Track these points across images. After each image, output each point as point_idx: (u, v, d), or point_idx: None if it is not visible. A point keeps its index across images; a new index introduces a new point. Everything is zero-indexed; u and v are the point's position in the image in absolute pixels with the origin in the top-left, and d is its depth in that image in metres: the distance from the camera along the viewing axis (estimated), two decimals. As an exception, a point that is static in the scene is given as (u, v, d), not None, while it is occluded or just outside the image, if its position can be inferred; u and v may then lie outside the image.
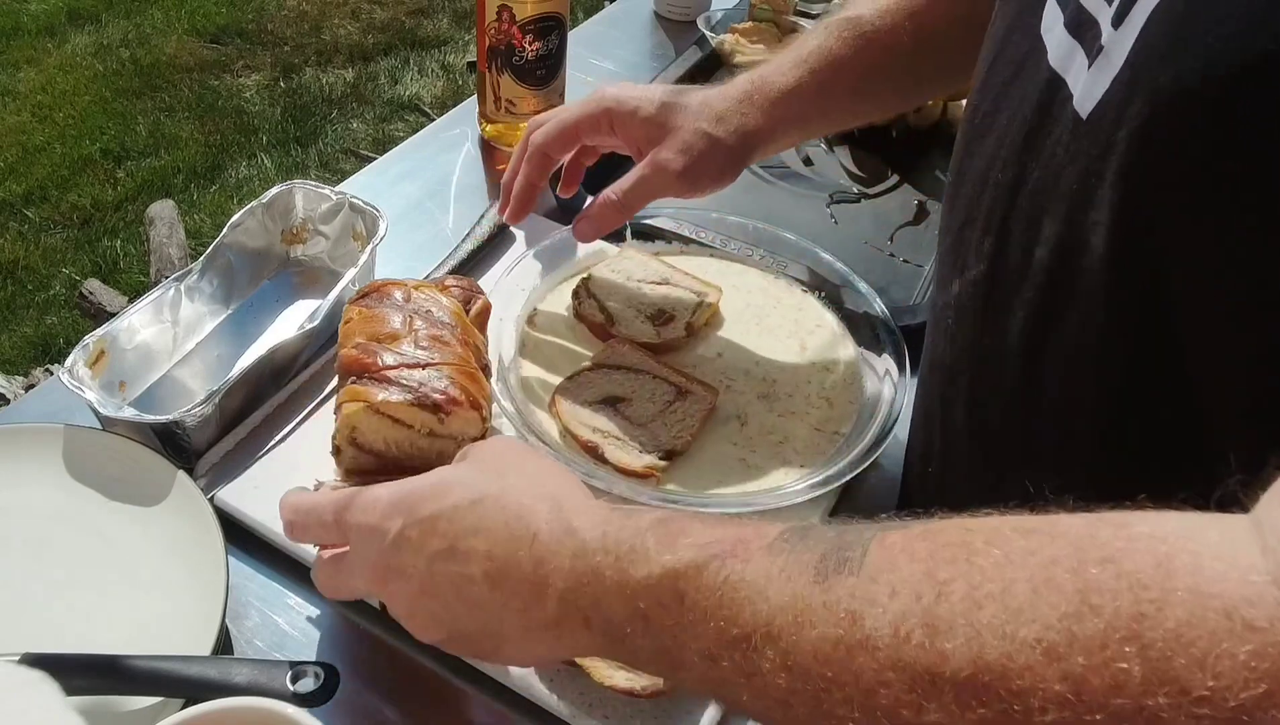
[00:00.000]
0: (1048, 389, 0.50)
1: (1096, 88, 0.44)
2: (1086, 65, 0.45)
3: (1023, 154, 0.50)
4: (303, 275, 0.89)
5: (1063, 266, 0.47)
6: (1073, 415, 0.50)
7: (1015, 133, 0.51)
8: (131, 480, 0.68)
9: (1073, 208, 0.46)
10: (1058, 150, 0.47)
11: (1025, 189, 0.49)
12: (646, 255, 0.88)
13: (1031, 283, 0.49)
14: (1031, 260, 0.49)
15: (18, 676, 0.50)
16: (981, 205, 0.54)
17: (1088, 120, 0.44)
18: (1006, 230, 0.51)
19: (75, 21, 3.30)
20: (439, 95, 3.08)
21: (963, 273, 0.56)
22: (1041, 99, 0.49)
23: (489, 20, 0.98)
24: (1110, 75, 0.43)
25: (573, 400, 0.74)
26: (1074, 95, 0.46)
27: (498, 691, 0.61)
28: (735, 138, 0.74)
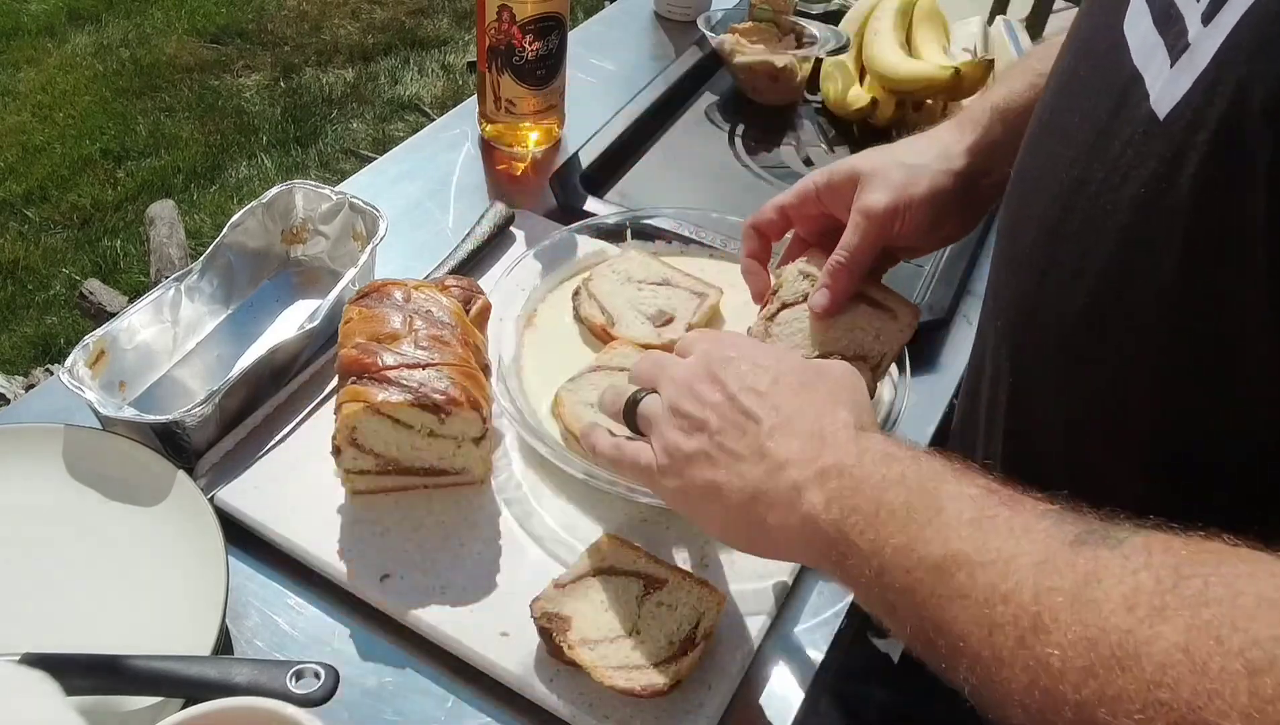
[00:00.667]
0: (1096, 400, 0.48)
1: (1177, 87, 0.42)
2: (1168, 63, 0.43)
3: (1090, 153, 0.48)
4: (303, 275, 0.89)
5: (1122, 271, 0.45)
6: (1122, 432, 0.48)
7: (1086, 132, 0.49)
8: (131, 480, 0.68)
9: (1139, 211, 0.44)
10: (1127, 151, 0.45)
11: (1088, 190, 0.47)
12: (646, 255, 0.88)
13: (1085, 286, 0.47)
14: (1086, 263, 0.47)
15: (18, 676, 0.50)
16: (1037, 206, 0.52)
17: (1164, 120, 0.42)
18: (1062, 232, 0.49)
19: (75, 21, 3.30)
20: (439, 95, 3.08)
21: (1014, 274, 0.54)
22: (1117, 98, 0.47)
23: (489, 20, 0.98)
24: (1193, 75, 0.41)
25: (575, 400, 0.74)
26: (1151, 94, 0.44)
27: (498, 691, 0.61)
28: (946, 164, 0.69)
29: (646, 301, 0.83)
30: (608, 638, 0.60)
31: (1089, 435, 0.50)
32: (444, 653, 0.63)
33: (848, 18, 1.23)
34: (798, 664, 0.65)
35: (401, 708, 0.61)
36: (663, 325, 0.81)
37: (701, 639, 0.60)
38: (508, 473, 0.73)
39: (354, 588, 0.65)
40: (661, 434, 0.56)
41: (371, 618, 0.65)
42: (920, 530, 0.43)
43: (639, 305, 0.83)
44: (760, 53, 1.16)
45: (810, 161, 1.11)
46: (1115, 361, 0.46)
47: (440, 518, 0.69)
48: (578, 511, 0.70)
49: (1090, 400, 0.49)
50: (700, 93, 1.21)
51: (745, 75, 1.17)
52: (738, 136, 1.14)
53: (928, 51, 1.15)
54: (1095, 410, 0.49)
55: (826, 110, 1.18)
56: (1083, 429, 0.50)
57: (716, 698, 0.60)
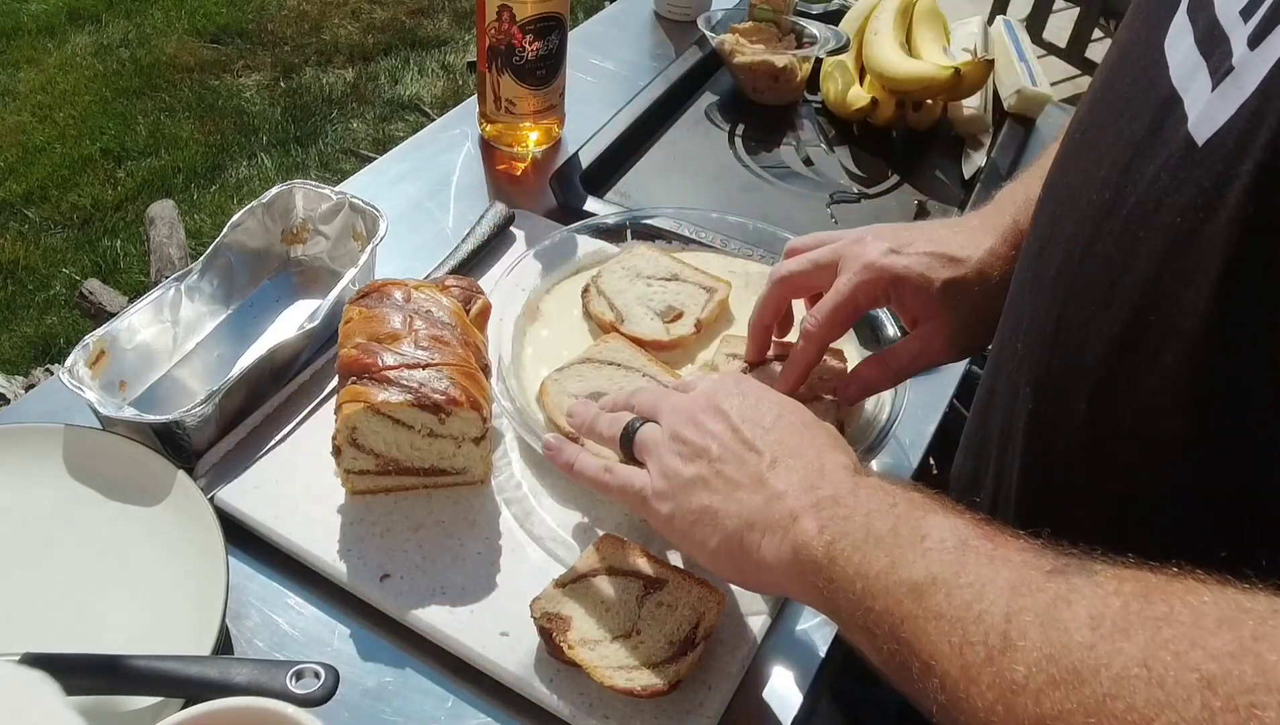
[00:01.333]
0: (1119, 431, 0.47)
1: (1219, 112, 0.40)
2: (1210, 86, 0.41)
3: (1123, 176, 0.46)
4: (303, 275, 0.89)
5: (1154, 302, 0.43)
6: (1144, 464, 0.47)
7: (1120, 152, 0.47)
8: (131, 480, 0.68)
9: (1174, 240, 0.42)
10: (1162, 175, 0.43)
11: (1119, 213, 0.46)
12: (656, 251, 0.88)
13: (1114, 316, 0.46)
14: (1116, 290, 0.46)
15: (18, 676, 0.50)
16: (1067, 225, 0.51)
17: (1204, 146, 0.41)
18: (1091, 255, 0.48)
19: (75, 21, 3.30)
20: (439, 95, 3.08)
21: (1038, 296, 0.53)
22: (1154, 118, 0.45)
23: (489, 20, 0.98)
24: (1238, 100, 0.39)
25: (559, 390, 0.74)
26: (1190, 117, 0.42)
27: (498, 691, 0.61)
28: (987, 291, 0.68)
29: (655, 297, 0.83)
30: (608, 638, 0.60)
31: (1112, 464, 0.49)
32: (444, 653, 0.63)
33: (848, 18, 1.23)
34: (798, 664, 0.65)
35: (401, 708, 0.61)
36: (671, 321, 0.81)
37: (701, 639, 0.60)
38: (508, 473, 0.73)
39: (354, 588, 0.65)
40: (660, 459, 0.58)
41: (371, 618, 0.65)
42: (903, 554, 0.45)
43: (648, 301, 0.83)
44: (760, 53, 1.16)
45: (810, 161, 1.11)
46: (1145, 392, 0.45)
47: (440, 518, 0.69)
48: (578, 511, 0.70)
49: (1116, 429, 0.47)
50: (700, 93, 1.21)
51: (745, 75, 1.17)
52: (738, 136, 1.14)
53: (928, 51, 1.15)
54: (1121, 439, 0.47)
55: (826, 110, 1.19)
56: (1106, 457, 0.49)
57: (716, 698, 0.60)
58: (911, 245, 0.69)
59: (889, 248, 0.69)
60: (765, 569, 0.52)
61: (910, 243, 0.69)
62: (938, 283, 0.68)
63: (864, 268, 0.69)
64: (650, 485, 0.58)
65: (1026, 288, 0.56)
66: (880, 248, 0.69)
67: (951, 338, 0.69)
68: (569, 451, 0.64)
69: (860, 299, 0.69)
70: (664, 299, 0.83)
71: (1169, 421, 0.44)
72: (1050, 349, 0.51)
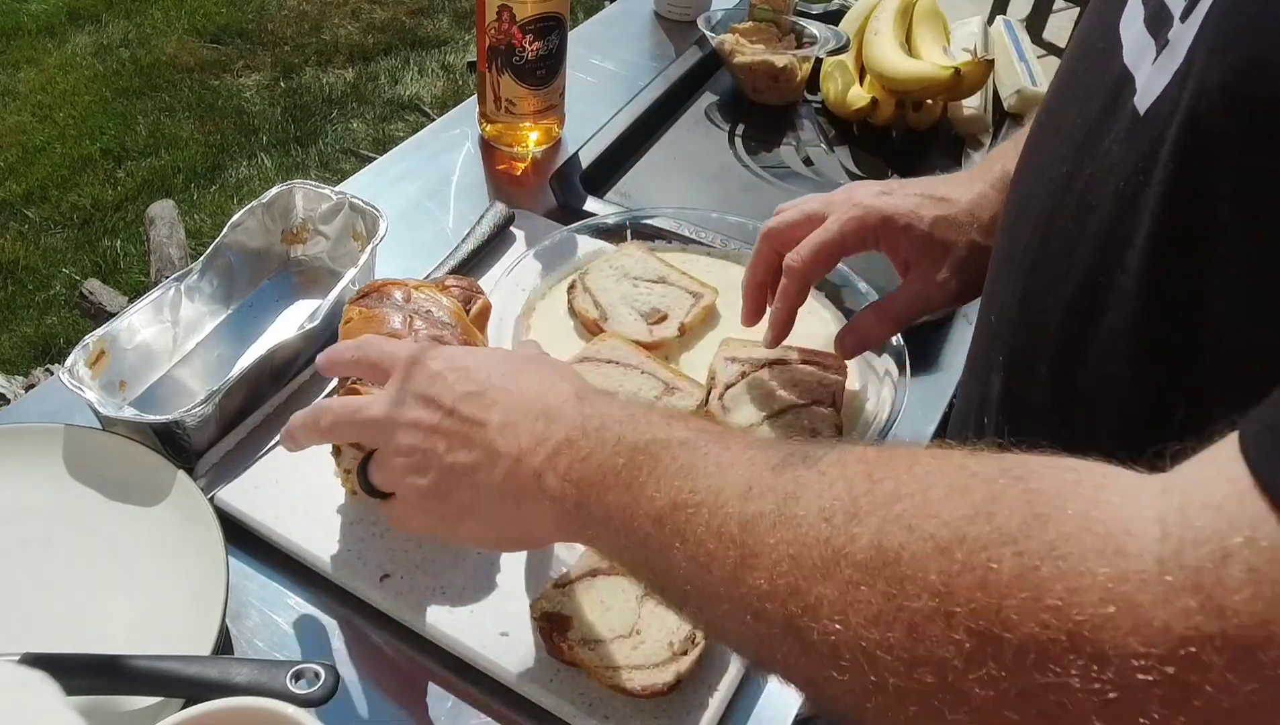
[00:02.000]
0: (1076, 396, 0.49)
1: (1157, 83, 0.42)
2: (1153, 60, 0.44)
3: (1080, 150, 0.49)
4: (303, 275, 0.89)
5: (1103, 268, 0.46)
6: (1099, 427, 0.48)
7: (1078, 129, 0.49)
8: (131, 480, 0.68)
9: (1120, 206, 0.44)
10: (1113, 147, 0.46)
11: (1076, 187, 0.48)
12: (645, 252, 0.88)
13: (1071, 281, 0.48)
14: (1072, 260, 0.48)
15: (18, 676, 0.50)
16: (1033, 202, 0.53)
17: (1145, 116, 0.43)
18: (1052, 228, 0.50)
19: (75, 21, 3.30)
20: (439, 95, 3.08)
21: (1008, 271, 0.55)
22: (1108, 96, 0.47)
23: (489, 20, 0.98)
24: (1171, 70, 0.41)
25: None
26: (1138, 91, 0.44)
27: (498, 691, 0.61)
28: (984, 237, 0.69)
29: (641, 298, 0.83)
30: (608, 638, 0.60)
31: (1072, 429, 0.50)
32: (444, 653, 0.63)
33: (848, 18, 1.23)
34: (798, 664, 0.64)
35: (401, 708, 0.61)
36: (655, 323, 0.81)
37: (702, 639, 0.60)
38: (508, 473, 0.73)
39: (354, 588, 0.65)
40: (400, 484, 0.54)
41: (371, 618, 0.65)
42: (641, 487, 0.45)
43: (633, 302, 0.83)
44: (760, 53, 1.16)
45: (810, 161, 1.11)
46: (1095, 357, 0.47)
47: (440, 518, 0.69)
48: (578, 511, 0.70)
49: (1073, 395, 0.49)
50: (700, 93, 1.21)
51: (745, 75, 1.17)
52: (738, 136, 1.14)
53: (927, 51, 1.15)
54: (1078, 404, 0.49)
55: (826, 110, 1.18)
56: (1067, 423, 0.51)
57: (717, 698, 0.60)
58: (902, 189, 0.71)
59: (879, 191, 0.70)
60: (546, 534, 0.51)
61: (901, 187, 0.71)
62: (927, 220, 0.68)
63: (853, 206, 0.69)
64: (409, 516, 0.54)
65: (999, 264, 0.58)
66: (871, 191, 0.70)
67: (945, 279, 0.69)
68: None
69: (848, 238, 0.69)
70: (649, 301, 0.83)
71: (1116, 384, 0.46)
72: (1017, 322, 0.53)
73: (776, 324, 0.74)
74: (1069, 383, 0.49)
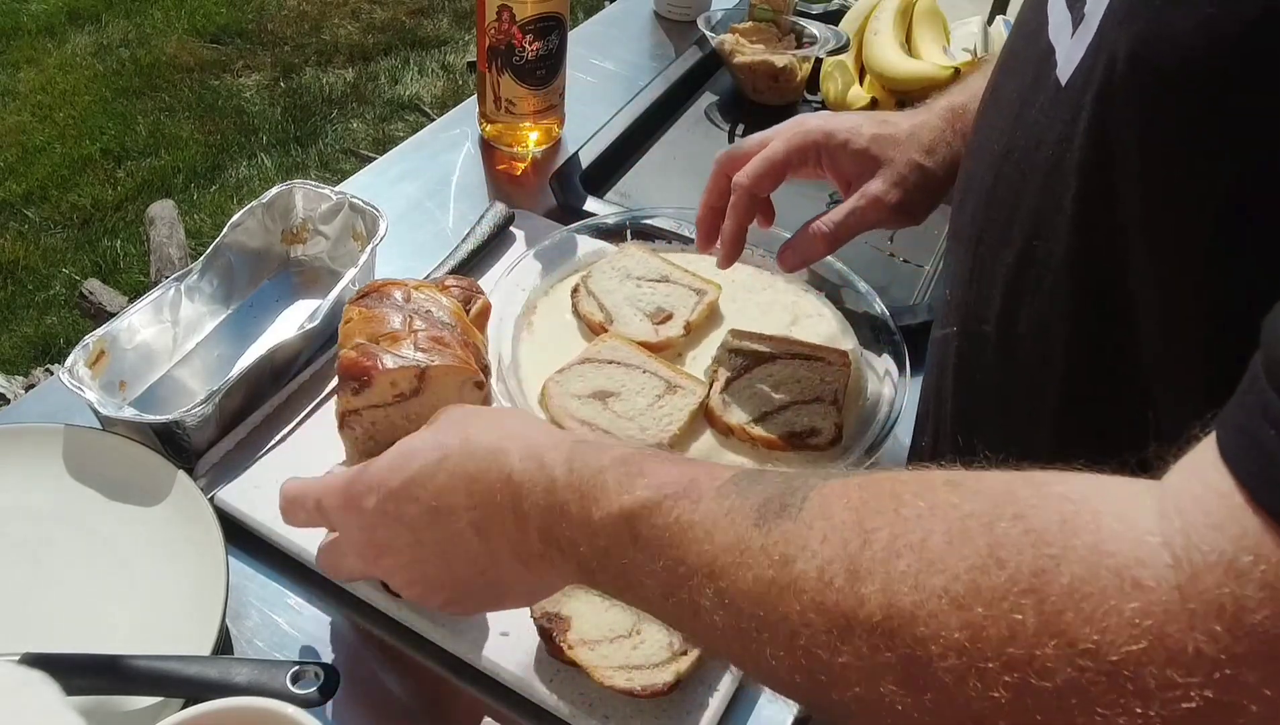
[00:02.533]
0: (1021, 359, 0.51)
1: (1075, 54, 0.45)
2: (1070, 34, 0.46)
3: (1014, 123, 0.51)
4: (303, 275, 0.89)
5: (1037, 234, 0.48)
6: (1043, 385, 0.50)
7: (1012, 104, 0.52)
8: (131, 480, 0.68)
9: (1048, 175, 0.46)
10: (1040, 118, 0.48)
11: (1013, 157, 0.50)
12: (646, 251, 0.88)
13: (1010, 251, 0.50)
14: (1011, 229, 0.50)
15: (18, 676, 0.50)
16: (976, 178, 0.55)
17: (1065, 87, 0.45)
18: (994, 199, 0.52)
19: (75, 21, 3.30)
20: (439, 95, 3.08)
21: (959, 244, 0.58)
22: (1036, 70, 0.49)
23: (489, 20, 0.98)
24: (1086, 41, 0.43)
25: (562, 392, 0.74)
26: (1059, 64, 0.47)
27: (498, 691, 0.61)
28: (945, 168, 0.72)
29: (645, 299, 0.83)
30: (608, 638, 0.60)
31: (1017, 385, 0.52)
32: (444, 653, 0.63)
33: (848, 18, 1.23)
34: (798, 664, 0.64)
35: (401, 708, 0.61)
36: (660, 322, 0.81)
37: (701, 639, 0.60)
38: (508, 473, 0.73)
39: (354, 588, 0.65)
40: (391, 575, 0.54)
41: (371, 618, 0.65)
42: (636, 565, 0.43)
43: (637, 302, 0.83)
44: (760, 53, 1.16)
45: (810, 161, 1.11)
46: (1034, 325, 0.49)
47: (440, 518, 0.69)
48: (578, 511, 0.70)
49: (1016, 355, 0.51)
50: (700, 93, 1.21)
51: (745, 75, 1.17)
52: (738, 136, 1.14)
53: (927, 51, 1.15)
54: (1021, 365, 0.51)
55: (827, 110, 1.18)
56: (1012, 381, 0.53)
57: (717, 698, 0.60)
58: (847, 116, 0.76)
59: (825, 116, 0.76)
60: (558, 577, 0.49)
61: (846, 115, 0.76)
62: (866, 135, 0.73)
63: (796, 125, 0.74)
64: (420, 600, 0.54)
65: (952, 240, 0.60)
66: (817, 119, 0.75)
67: (883, 191, 0.72)
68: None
69: (792, 154, 0.73)
70: (653, 300, 0.83)
71: (1055, 340, 0.47)
72: (966, 290, 0.55)
73: (727, 241, 0.76)
74: (1012, 351, 0.51)
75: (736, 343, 0.78)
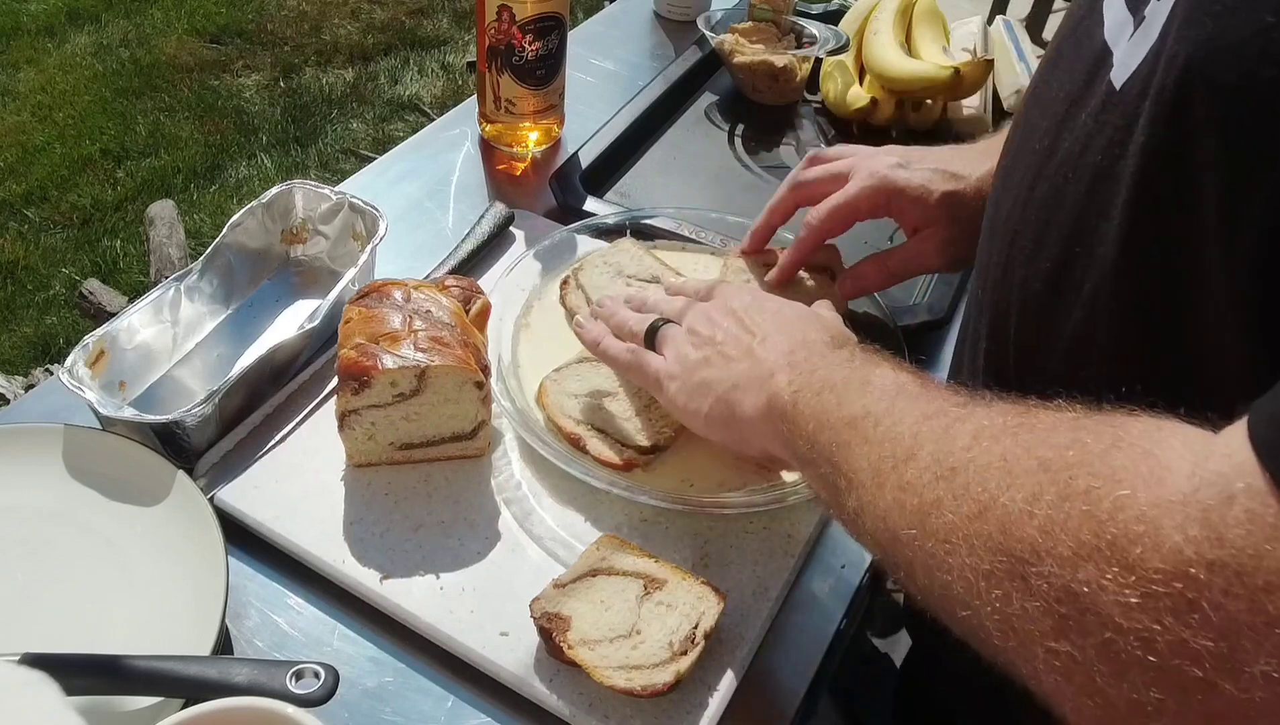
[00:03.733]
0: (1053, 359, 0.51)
1: (1132, 58, 0.44)
2: (1129, 36, 0.46)
3: (1060, 125, 0.51)
4: (303, 275, 0.89)
5: (1079, 236, 0.48)
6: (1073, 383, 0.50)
7: (1059, 105, 0.52)
8: (131, 480, 0.68)
9: (1095, 177, 0.46)
10: (1089, 121, 0.48)
11: (1055, 159, 0.51)
12: (641, 250, 0.88)
13: (1047, 253, 0.51)
14: (1049, 230, 0.50)
15: (18, 676, 0.50)
16: (1016, 174, 0.55)
17: (1120, 90, 0.45)
18: (1032, 200, 0.53)
19: (75, 21, 3.30)
20: (439, 95, 3.08)
21: (992, 242, 0.58)
22: (1088, 72, 0.49)
23: (489, 20, 0.98)
24: (1147, 46, 0.43)
25: (559, 391, 0.74)
26: (1115, 67, 0.46)
27: (498, 691, 0.61)
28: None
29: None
30: (608, 638, 0.60)
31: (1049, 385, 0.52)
32: (444, 653, 0.63)
33: (848, 18, 1.23)
34: (797, 664, 0.65)
35: (401, 708, 0.61)
36: None
37: (701, 639, 0.60)
38: (508, 473, 0.73)
39: (354, 588, 0.65)
40: (676, 347, 0.67)
41: (371, 618, 0.65)
42: (849, 396, 0.53)
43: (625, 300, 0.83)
44: (760, 53, 1.16)
45: (810, 161, 1.11)
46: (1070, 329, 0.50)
47: (440, 518, 0.69)
48: (578, 511, 0.70)
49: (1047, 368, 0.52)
50: (700, 93, 1.21)
51: (745, 75, 1.17)
52: (737, 136, 1.14)
53: (927, 51, 1.15)
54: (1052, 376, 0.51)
55: (826, 110, 1.18)
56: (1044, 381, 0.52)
57: (717, 698, 0.60)
58: (920, 162, 0.77)
59: (898, 162, 0.77)
60: (745, 422, 0.61)
61: (920, 160, 0.77)
62: (936, 194, 0.75)
63: (870, 175, 0.77)
64: (664, 368, 0.66)
65: (986, 234, 0.61)
66: (890, 161, 0.77)
67: (943, 245, 0.76)
68: (597, 330, 0.72)
69: (863, 204, 0.77)
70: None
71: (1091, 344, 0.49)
72: (998, 290, 0.57)
73: (784, 267, 0.81)
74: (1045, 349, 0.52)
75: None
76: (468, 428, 0.71)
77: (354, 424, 0.69)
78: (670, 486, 0.70)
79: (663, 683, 0.57)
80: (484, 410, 0.70)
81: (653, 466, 0.71)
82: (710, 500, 0.69)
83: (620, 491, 0.68)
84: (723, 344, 0.64)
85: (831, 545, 0.71)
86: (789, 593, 0.67)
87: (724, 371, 0.63)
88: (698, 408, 0.63)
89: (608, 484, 0.68)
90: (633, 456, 0.70)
